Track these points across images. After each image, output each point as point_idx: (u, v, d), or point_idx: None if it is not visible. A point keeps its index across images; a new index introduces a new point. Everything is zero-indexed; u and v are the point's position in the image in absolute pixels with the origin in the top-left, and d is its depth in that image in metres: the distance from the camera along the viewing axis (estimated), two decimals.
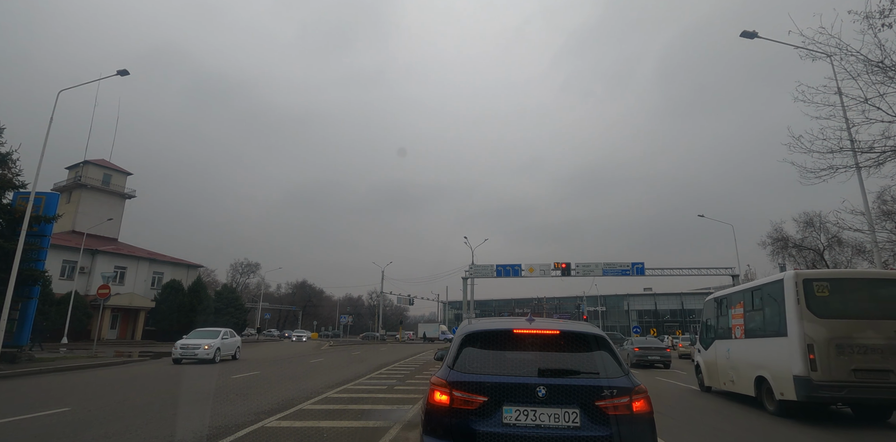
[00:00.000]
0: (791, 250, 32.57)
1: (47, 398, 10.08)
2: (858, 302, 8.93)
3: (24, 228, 17.02)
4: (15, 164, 19.75)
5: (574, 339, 3.95)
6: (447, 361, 4.01)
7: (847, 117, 11.66)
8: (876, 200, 21.37)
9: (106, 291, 24.98)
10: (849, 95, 11.38)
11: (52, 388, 11.99)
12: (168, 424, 7.28)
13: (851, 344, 8.36)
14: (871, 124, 11.22)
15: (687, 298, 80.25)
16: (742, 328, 11.08)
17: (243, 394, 10.83)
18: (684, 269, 50.92)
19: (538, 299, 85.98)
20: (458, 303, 74.47)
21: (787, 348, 8.86)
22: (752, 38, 15.45)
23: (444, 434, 3.58)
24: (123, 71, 19.21)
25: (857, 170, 12.32)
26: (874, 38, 10.08)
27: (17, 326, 18.91)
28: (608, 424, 3.49)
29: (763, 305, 10.24)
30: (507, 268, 50.50)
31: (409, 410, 8.83)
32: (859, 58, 10.54)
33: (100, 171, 49.00)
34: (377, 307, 76.89)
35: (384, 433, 6.88)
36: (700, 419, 9.13)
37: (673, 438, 6.89)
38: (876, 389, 8.13)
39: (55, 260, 35.90)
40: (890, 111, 10.79)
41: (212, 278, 76.85)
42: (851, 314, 8.72)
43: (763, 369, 9.75)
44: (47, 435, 6.57)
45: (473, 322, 4.58)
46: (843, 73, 11.08)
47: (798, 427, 8.24)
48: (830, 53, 11.10)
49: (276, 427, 7.23)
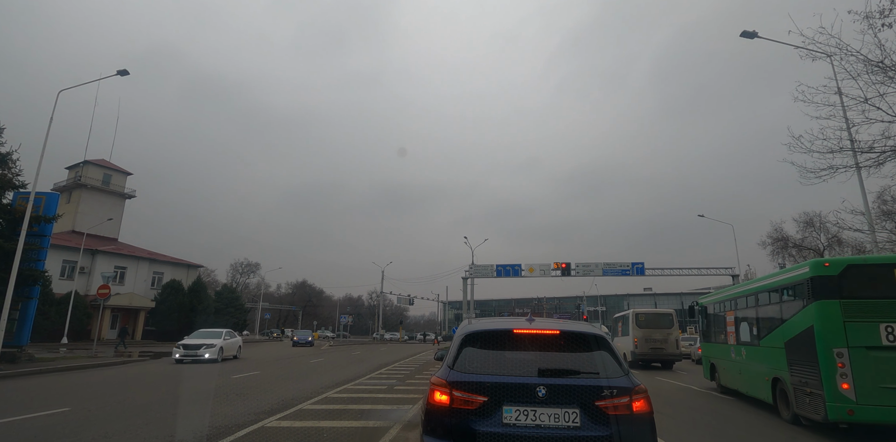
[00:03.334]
0: (791, 250, 32.58)
1: (47, 398, 10.07)
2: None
3: (24, 228, 17.00)
4: (15, 164, 19.75)
5: (574, 339, 3.94)
6: (447, 360, 4.00)
7: (847, 117, 11.65)
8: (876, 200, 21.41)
9: (106, 291, 24.97)
10: (849, 95, 11.38)
11: (52, 388, 11.98)
12: (168, 424, 7.28)
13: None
14: (871, 124, 11.23)
15: (687, 298, 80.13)
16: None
17: (243, 394, 10.83)
18: (684, 269, 51.01)
19: (538, 299, 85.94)
20: (458, 303, 74.43)
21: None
22: (752, 38, 15.43)
23: (444, 434, 3.58)
24: (123, 71, 19.20)
25: (857, 170, 12.30)
26: (874, 38, 10.09)
27: (17, 326, 18.90)
28: (608, 424, 3.49)
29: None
30: (507, 268, 50.51)
31: (409, 410, 8.83)
32: (859, 58, 10.54)
33: (100, 171, 48.98)
34: (377, 307, 76.86)
35: (384, 433, 6.88)
36: (700, 419, 9.13)
37: (673, 438, 6.89)
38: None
39: (55, 260, 35.88)
40: (890, 111, 10.78)
41: (212, 278, 76.90)
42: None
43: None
44: (47, 435, 6.57)
45: (473, 322, 4.57)
46: (843, 73, 11.08)
47: (798, 428, 8.24)
48: (830, 53, 11.10)
49: (276, 427, 7.23)
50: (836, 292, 7.53)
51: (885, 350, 7.03)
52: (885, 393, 6.84)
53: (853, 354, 7.13)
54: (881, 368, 6.98)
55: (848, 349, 7.17)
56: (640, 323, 21.01)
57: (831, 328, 7.39)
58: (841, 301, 7.45)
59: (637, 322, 21.04)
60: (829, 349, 7.29)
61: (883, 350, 7.04)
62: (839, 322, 7.35)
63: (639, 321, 21.07)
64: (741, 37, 15.56)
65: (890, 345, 7.04)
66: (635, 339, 20.54)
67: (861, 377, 7.01)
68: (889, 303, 7.28)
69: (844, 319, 7.34)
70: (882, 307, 7.28)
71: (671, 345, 20.59)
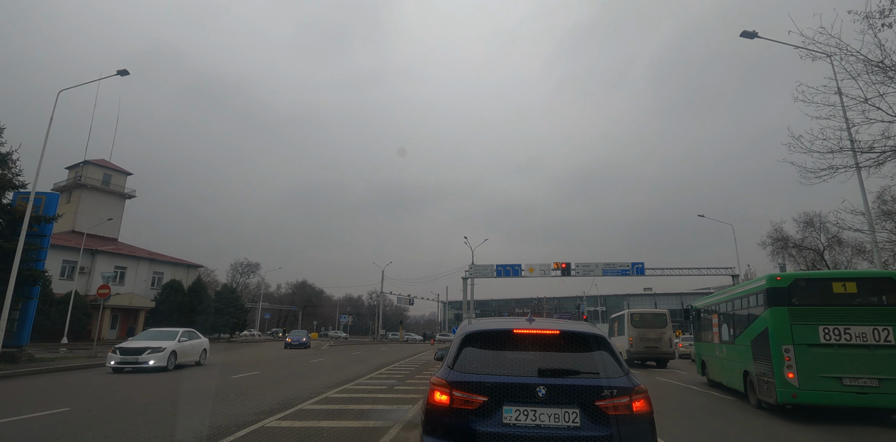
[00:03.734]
0: (791, 250, 32.53)
1: (47, 398, 10.07)
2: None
3: (24, 228, 17.00)
4: (15, 164, 19.74)
5: (574, 339, 3.94)
6: (447, 360, 4.00)
7: (847, 117, 11.64)
8: (876, 200, 21.38)
9: (106, 290, 24.97)
10: (849, 95, 11.37)
11: (52, 388, 11.98)
12: (168, 424, 7.28)
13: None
14: (871, 124, 11.21)
15: (687, 298, 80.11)
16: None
17: (243, 394, 10.83)
18: (684, 269, 50.99)
19: (538, 299, 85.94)
20: (458, 303, 74.41)
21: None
22: (752, 38, 15.43)
23: (444, 434, 3.58)
24: (123, 71, 19.19)
25: (857, 170, 12.30)
26: (874, 38, 10.07)
27: (17, 326, 18.89)
28: (608, 423, 3.49)
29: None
30: (507, 268, 50.49)
31: (409, 410, 8.83)
32: (859, 58, 10.53)
33: (100, 171, 48.97)
34: (377, 307, 76.80)
35: (384, 433, 6.88)
36: (700, 419, 9.13)
37: (673, 438, 6.89)
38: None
39: (55, 260, 35.87)
40: (890, 111, 10.78)
41: (212, 278, 76.79)
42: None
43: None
44: (47, 435, 6.57)
45: (473, 322, 4.57)
46: (843, 73, 11.05)
47: (798, 427, 8.24)
48: (830, 53, 11.09)
49: (276, 427, 7.23)
50: (785, 301, 9.25)
51: (822, 347, 8.74)
52: (821, 381, 8.56)
53: (797, 350, 8.82)
54: (818, 361, 8.67)
55: (793, 346, 8.87)
56: (636, 323, 21.84)
57: (781, 329, 9.07)
58: (789, 308, 9.15)
59: (632, 322, 21.88)
60: (780, 346, 8.98)
61: (820, 347, 8.75)
62: (787, 324, 9.04)
63: (634, 321, 21.91)
64: (741, 37, 15.56)
65: (825, 343, 8.73)
66: (630, 338, 21.36)
67: (802, 368, 8.68)
68: (826, 309, 8.97)
69: (791, 322, 9.01)
70: (820, 313, 8.96)
71: (665, 344, 21.40)
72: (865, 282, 9.52)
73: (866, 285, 9.40)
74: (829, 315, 8.88)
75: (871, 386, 8.35)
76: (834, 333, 8.74)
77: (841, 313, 8.88)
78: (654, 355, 21.54)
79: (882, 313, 8.82)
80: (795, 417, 9.01)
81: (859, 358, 8.56)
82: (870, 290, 9.33)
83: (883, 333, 8.59)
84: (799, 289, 9.39)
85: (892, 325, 8.63)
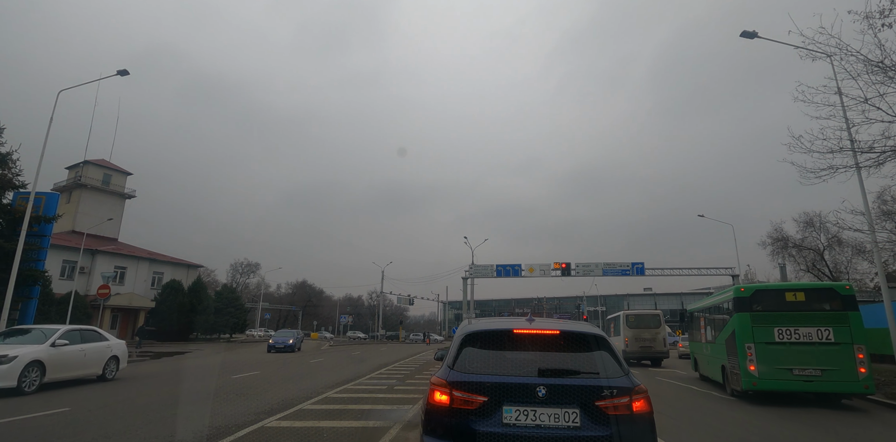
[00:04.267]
0: (791, 250, 32.44)
1: (47, 398, 10.06)
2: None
3: (24, 228, 17.01)
4: (15, 164, 19.79)
5: (574, 339, 3.94)
6: (447, 361, 4.00)
7: (847, 117, 11.65)
8: (876, 200, 21.31)
9: (106, 290, 25.02)
10: (849, 95, 11.38)
11: (51, 388, 11.94)
12: (168, 424, 7.29)
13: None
14: (871, 124, 11.22)
15: (687, 298, 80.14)
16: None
17: (243, 394, 10.83)
18: (684, 269, 50.94)
19: (538, 299, 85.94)
20: (458, 303, 74.40)
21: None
22: (752, 38, 15.42)
23: (444, 434, 3.58)
24: (123, 71, 19.19)
25: (857, 170, 12.29)
26: (874, 38, 10.09)
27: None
28: (608, 423, 3.49)
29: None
30: (507, 268, 50.48)
31: (409, 410, 8.83)
32: (859, 58, 10.54)
33: (100, 171, 48.96)
34: (377, 307, 76.84)
35: (384, 433, 6.88)
36: (700, 419, 9.13)
37: (673, 438, 6.89)
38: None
39: (55, 260, 35.85)
40: (890, 111, 10.78)
41: (212, 278, 76.76)
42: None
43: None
44: (47, 435, 6.57)
45: (473, 322, 4.57)
46: (843, 73, 11.07)
47: (798, 428, 8.25)
48: (830, 53, 11.10)
49: (276, 427, 7.23)
50: (748, 308, 11.19)
51: (776, 344, 10.69)
52: (776, 371, 10.50)
53: (757, 347, 10.77)
54: (773, 356, 10.61)
55: (754, 344, 10.81)
56: (630, 323, 22.93)
57: (745, 331, 11.04)
58: (750, 313, 11.11)
59: (627, 323, 23.00)
60: (744, 344, 10.91)
61: (775, 344, 10.70)
62: (749, 327, 11.00)
63: (629, 322, 23.02)
64: (741, 37, 15.54)
65: (779, 341, 10.68)
66: (626, 338, 22.46)
67: (761, 362, 10.62)
68: (779, 314, 10.89)
69: (752, 325, 10.97)
70: (775, 317, 10.88)
71: (659, 343, 22.39)
72: (811, 292, 11.37)
73: (812, 295, 11.20)
74: (782, 319, 10.81)
75: (816, 375, 10.31)
76: (786, 334, 10.67)
77: (791, 317, 10.77)
78: (648, 354, 22.45)
79: (824, 317, 10.67)
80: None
81: (806, 353, 10.48)
82: (815, 298, 11.14)
83: (825, 333, 10.50)
84: (758, 298, 11.35)
85: (832, 326, 10.51)
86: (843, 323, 10.57)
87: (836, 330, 10.49)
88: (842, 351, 10.34)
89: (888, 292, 14.66)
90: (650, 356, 22.51)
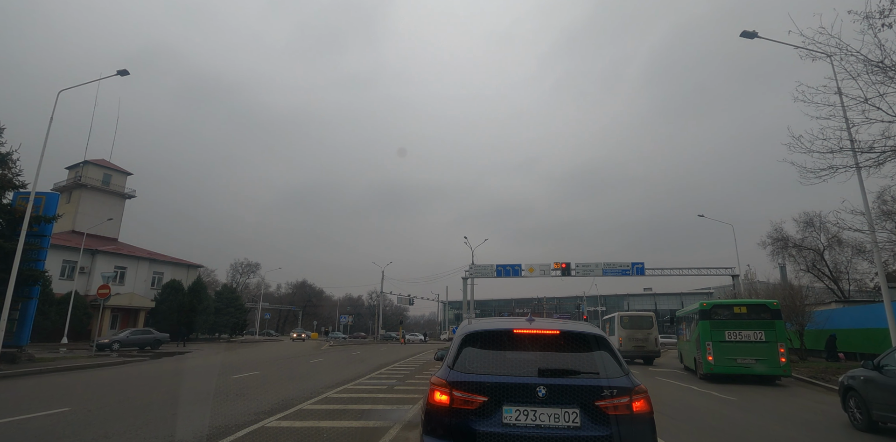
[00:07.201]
0: (791, 250, 32.43)
1: (47, 398, 10.07)
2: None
3: (24, 228, 16.99)
4: (15, 164, 19.72)
5: (574, 339, 3.94)
6: (447, 360, 3.99)
7: (847, 117, 11.64)
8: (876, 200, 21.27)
9: (106, 290, 24.96)
10: (849, 95, 11.37)
11: (52, 388, 11.97)
12: (168, 424, 7.29)
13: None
14: (871, 124, 11.22)
15: (687, 298, 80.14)
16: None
17: (243, 394, 10.83)
18: (684, 269, 50.95)
19: (538, 299, 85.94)
20: (458, 303, 74.42)
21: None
22: (752, 38, 15.39)
23: (444, 434, 3.58)
24: (123, 71, 19.17)
25: (857, 170, 12.29)
26: (874, 38, 10.09)
27: (17, 326, 18.89)
28: (608, 424, 3.49)
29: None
30: (507, 268, 50.49)
31: (409, 410, 8.83)
32: (859, 58, 10.54)
33: (100, 171, 48.94)
34: (377, 307, 76.75)
35: (384, 433, 6.88)
36: (700, 419, 9.13)
37: (673, 438, 6.89)
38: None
39: (55, 260, 35.85)
40: (890, 111, 10.78)
41: (212, 278, 76.78)
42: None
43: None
44: (47, 435, 6.57)
45: (473, 322, 4.57)
46: (843, 73, 11.07)
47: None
48: (830, 53, 11.10)
49: (276, 427, 7.23)
50: (708, 316, 15.79)
51: (726, 342, 15.19)
52: (726, 361, 14.96)
53: (714, 345, 15.26)
54: (724, 350, 15.08)
55: (712, 342, 15.31)
56: (625, 324, 24.66)
57: (705, 332, 15.56)
58: (710, 321, 15.67)
59: (622, 323, 24.75)
60: (705, 342, 15.45)
61: (725, 342, 15.20)
62: (709, 330, 15.53)
63: (623, 322, 24.76)
64: (741, 37, 15.51)
65: (728, 340, 15.18)
66: (620, 338, 24.05)
67: (716, 354, 15.10)
68: (729, 321, 15.48)
69: (711, 329, 15.51)
70: (726, 324, 15.47)
71: (651, 343, 24.17)
72: (751, 306, 15.82)
73: (752, 308, 15.74)
74: (731, 325, 15.34)
75: (752, 363, 14.81)
76: (734, 335, 15.21)
77: (737, 324, 15.32)
78: (641, 353, 24.07)
79: (759, 324, 15.21)
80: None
81: (746, 348, 14.98)
82: (753, 311, 15.59)
83: (759, 334, 15.07)
84: (715, 310, 15.93)
85: (763, 330, 15.07)
86: (771, 328, 15.08)
87: (767, 332, 15.01)
88: (770, 347, 14.84)
89: (888, 292, 14.67)
90: (643, 355, 24.02)
